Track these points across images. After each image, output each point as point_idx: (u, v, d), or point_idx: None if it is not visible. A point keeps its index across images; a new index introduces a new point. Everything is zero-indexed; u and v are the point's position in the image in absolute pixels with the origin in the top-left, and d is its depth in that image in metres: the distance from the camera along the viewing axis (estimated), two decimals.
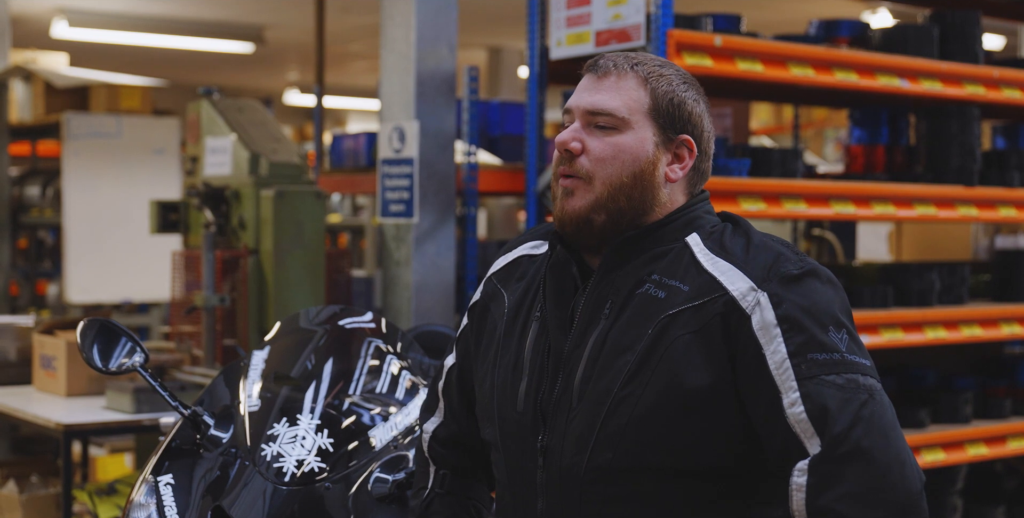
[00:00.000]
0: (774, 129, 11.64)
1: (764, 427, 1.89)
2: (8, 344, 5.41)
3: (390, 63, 5.01)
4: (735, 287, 1.90)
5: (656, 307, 1.93)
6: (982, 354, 5.65)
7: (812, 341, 1.86)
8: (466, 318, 2.26)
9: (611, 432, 1.92)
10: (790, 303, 1.88)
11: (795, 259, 1.93)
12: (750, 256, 1.94)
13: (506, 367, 2.08)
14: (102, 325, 2.56)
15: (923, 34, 4.88)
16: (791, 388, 1.85)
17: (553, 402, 1.99)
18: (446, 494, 2.28)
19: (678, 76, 2.04)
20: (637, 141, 1.99)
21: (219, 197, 4.91)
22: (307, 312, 2.89)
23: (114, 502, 4.57)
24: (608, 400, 1.92)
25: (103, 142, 7.86)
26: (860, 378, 1.86)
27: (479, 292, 2.23)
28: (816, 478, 1.82)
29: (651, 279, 1.96)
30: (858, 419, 1.82)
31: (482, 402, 2.14)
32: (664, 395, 1.89)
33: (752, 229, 2.02)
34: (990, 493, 5.47)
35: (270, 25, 10.67)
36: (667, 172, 2.01)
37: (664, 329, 1.91)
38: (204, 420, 2.51)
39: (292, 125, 16.13)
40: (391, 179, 5.01)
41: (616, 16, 4.34)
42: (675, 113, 2.01)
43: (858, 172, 5.25)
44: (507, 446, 2.06)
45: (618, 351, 1.94)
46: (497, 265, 2.23)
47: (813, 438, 1.83)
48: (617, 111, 1.99)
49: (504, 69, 11.78)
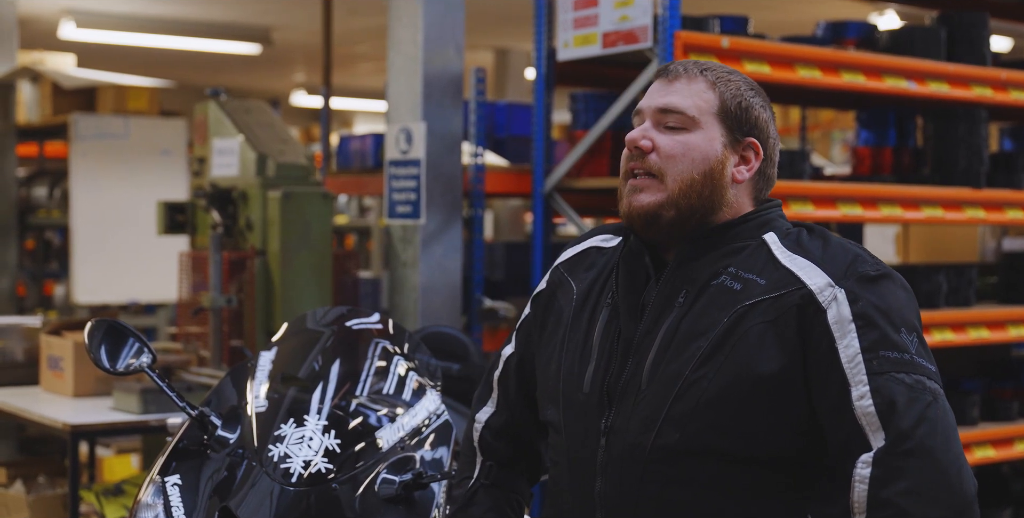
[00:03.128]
0: (781, 131, 11.57)
1: (830, 418, 1.93)
2: (15, 345, 5.42)
3: (397, 64, 5.01)
4: (813, 282, 1.95)
5: (732, 298, 1.98)
6: (989, 356, 5.64)
7: (885, 339, 1.91)
8: (529, 307, 2.31)
9: (679, 414, 1.95)
10: (866, 301, 1.93)
11: (872, 262, 1.99)
12: (828, 255, 1.99)
13: (573, 351, 2.12)
14: (109, 326, 2.56)
15: (930, 36, 4.87)
16: (861, 381, 1.89)
17: (621, 385, 2.03)
18: (491, 486, 2.31)
19: (745, 82, 2.10)
20: (706, 140, 2.04)
21: (226, 198, 4.91)
22: (314, 313, 2.89)
23: (121, 503, 4.57)
24: (679, 383, 1.96)
25: (110, 143, 7.87)
26: (927, 381, 1.92)
27: (544, 281, 2.28)
28: (880, 470, 1.86)
29: (727, 271, 2.01)
30: (923, 418, 1.88)
31: (545, 384, 2.18)
32: (735, 380, 1.93)
33: (830, 233, 2.08)
34: (997, 495, 5.46)
35: (277, 26, 10.67)
36: (734, 173, 2.06)
37: (740, 318, 1.96)
38: (211, 421, 2.51)
39: (299, 126, 16.13)
40: (398, 180, 5.01)
41: (623, 18, 4.34)
42: (742, 116, 2.07)
43: (865, 174, 5.24)
44: (569, 427, 2.09)
45: (691, 337, 1.98)
46: (565, 255, 2.28)
47: (878, 431, 1.88)
48: (687, 110, 2.04)
49: (511, 70, 11.76)
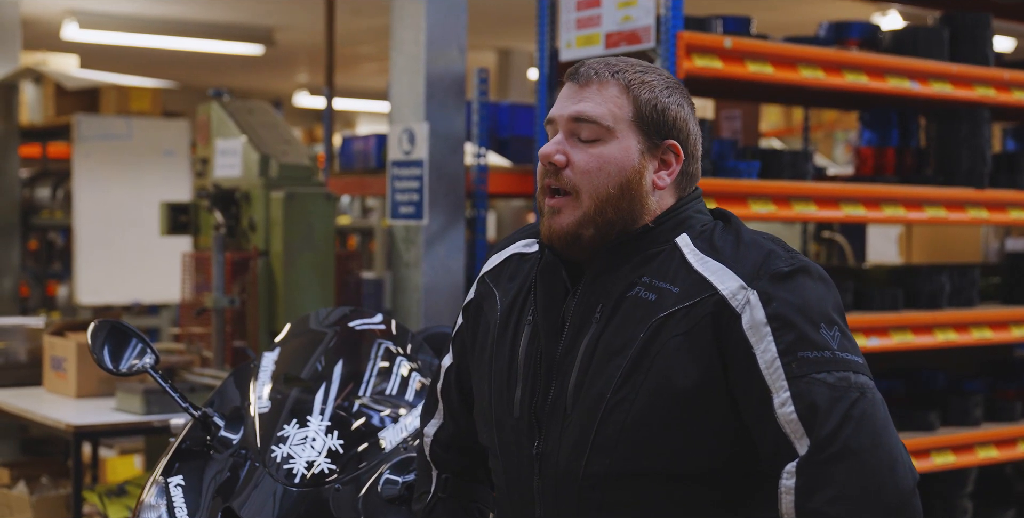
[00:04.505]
0: (784, 131, 11.62)
1: (756, 428, 1.87)
2: (18, 345, 5.42)
3: (400, 65, 5.01)
4: (725, 286, 1.88)
5: (647, 310, 1.91)
6: (992, 357, 5.64)
7: (803, 339, 1.84)
8: (461, 317, 2.24)
9: (606, 438, 1.90)
10: (780, 301, 1.85)
11: (786, 256, 1.91)
12: (740, 254, 1.91)
13: (501, 372, 2.06)
14: (112, 326, 2.57)
15: (933, 36, 4.87)
16: (782, 388, 1.82)
17: (548, 408, 1.98)
18: (448, 498, 2.27)
19: (661, 81, 2.01)
20: (622, 151, 1.96)
21: (229, 199, 4.91)
22: (317, 314, 2.89)
23: (124, 503, 4.57)
24: (601, 406, 1.90)
25: (113, 144, 7.87)
26: (852, 376, 1.83)
27: (472, 291, 2.22)
28: (804, 480, 1.80)
29: (641, 281, 1.94)
30: (847, 418, 1.80)
31: (479, 406, 2.13)
32: (656, 398, 1.87)
33: (743, 227, 1.99)
34: (1000, 496, 5.46)
35: (280, 27, 10.67)
36: (654, 180, 1.99)
37: (656, 332, 1.89)
38: (214, 421, 2.51)
39: (302, 127, 16.12)
40: (401, 181, 5.01)
41: (626, 18, 4.34)
42: (659, 119, 1.98)
43: (868, 174, 5.24)
44: (504, 452, 2.05)
45: (609, 355, 1.92)
46: (490, 264, 2.21)
47: (803, 439, 1.81)
48: (601, 119, 1.96)
49: (514, 71, 11.77)
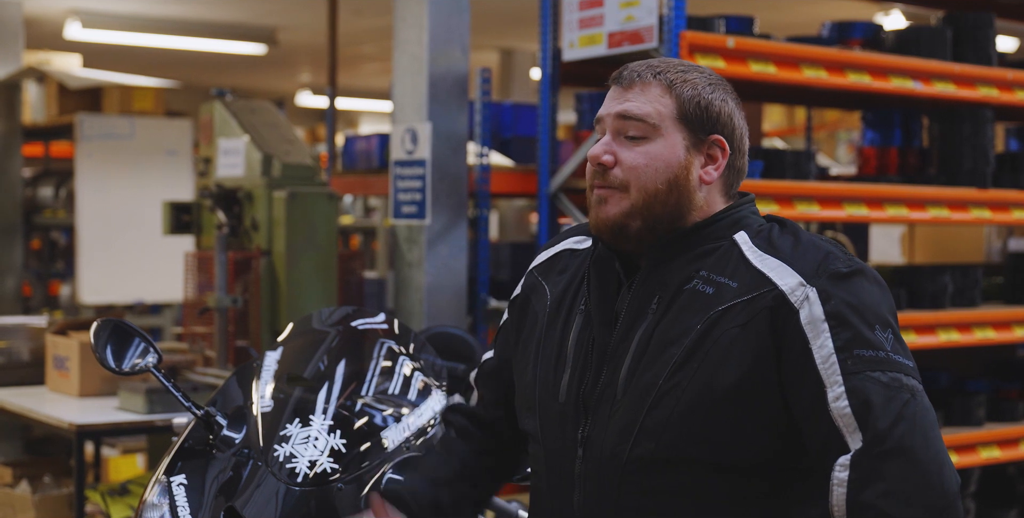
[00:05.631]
0: (787, 131, 11.63)
1: (807, 421, 1.90)
2: (21, 344, 5.43)
3: (402, 65, 5.01)
4: (784, 282, 1.92)
5: (705, 303, 1.95)
6: (995, 357, 5.64)
7: (859, 338, 1.88)
8: (507, 312, 2.29)
9: (654, 423, 1.93)
10: (838, 300, 1.90)
11: (844, 258, 1.96)
12: (799, 253, 1.96)
13: (548, 359, 2.10)
14: (115, 326, 2.57)
15: (936, 36, 4.87)
16: (836, 382, 1.86)
17: (596, 394, 2.01)
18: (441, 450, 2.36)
19: (703, 78, 2.05)
20: (668, 147, 2.01)
21: (232, 198, 4.91)
22: (319, 313, 2.89)
23: (126, 502, 4.58)
24: (653, 392, 1.94)
25: (116, 143, 7.87)
26: (904, 378, 1.88)
27: (520, 286, 2.27)
28: (858, 473, 1.84)
29: (699, 275, 1.98)
30: (901, 417, 1.84)
31: (523, 393, 2.16)
32: (708, 388, 1.91)
33: (800, 229, 2.04)
34: (1003, 496, 5.46)
35: (282, 27, 10.67)
36: (701, 175, 2.03)
37: (713, 324, 1.93)
38: (217, 421, 2.51)
39: (304, 127, 16.14)
40: (403, 181, 5.02)
41: (629, 18, 4.34)
42: (703, 115, 2.03)
43: (871, 174, 5.24)
44: (547, 437, 2.08)
45: (665, 344, 1.96)
46: (539, 259, 2.26)
47: (855, 433, 1.85)
48: (647, 117, 2.01)
49: (516, 71, 11.76)
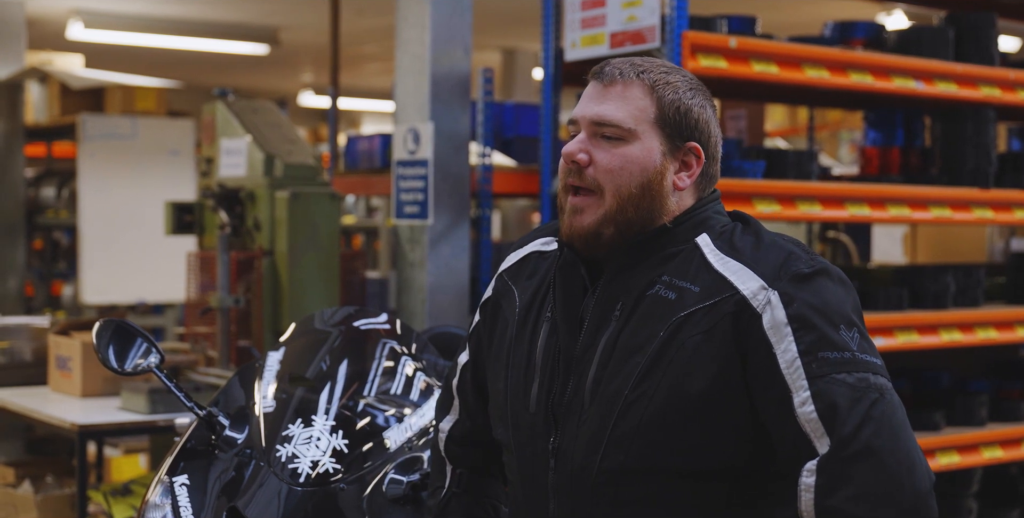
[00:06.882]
0: (789, 131, 11.62)
1: (775, 427, 1.89)
2: (23, 345, 5.43)
3: (405, 65, 5.01)
4: (746, 286, 1.90)
5: (667, 308, 1.93)
6: (997, 357, 5.63)
7: (823, 340, 1.86)
8: (478, 314, 2.26)
9: (622, 434, 1.92)
10: (801, 302, 1.87)
11: (806, 258, 1.93)
12: (760, 255, 1.93)
13: (518, 368, 2.08)
14: (117, 326, 2.57)
15: (938, 36, 4.86)
16: (802, 387, 1.84)
17: (565, 404, 1.99)
18: (463, 493, 2.28)
19: (684, 82, 2.02)
20: (644, 151, 1.98)
21: (234, 198, 4.91)
22: (322, 313, 2.89)
23: (129, 502, 4.58)
24: (619, 402, 1.92)
25: (118, 143, 7.88)
26: (871, 377, 1.85)
27: (490, 288, 2.24)
28: (825, 478, 1.82)
29: (661, 280, 1.96)
30: (868, 418, 1.82)
31: (495, 402, 2.15)
32: (674, 397, 1.89)
33: (763, 228, 2.01)
34: (1005, 496, 5.45)
35: (285, 27, 10.68)
36: (675, 180, 2.01)
37: (676, 330, 1.91)
38: (219, 421, 2.52)
39: (306, 127, 16.14)
40: (405, 181, 5.02)
41: (631, 18, 4.34)
42: (682, 121, 2.00)
43: (873, 174, 5.24)
44: (519, 447, 2.07)
45: (629, 353, 1.94)
46: (508, 262, 2.23)
47: (823, 438, 1.83)
48: (623, 122, 1.98)
49: (519, 71, 11.76)
